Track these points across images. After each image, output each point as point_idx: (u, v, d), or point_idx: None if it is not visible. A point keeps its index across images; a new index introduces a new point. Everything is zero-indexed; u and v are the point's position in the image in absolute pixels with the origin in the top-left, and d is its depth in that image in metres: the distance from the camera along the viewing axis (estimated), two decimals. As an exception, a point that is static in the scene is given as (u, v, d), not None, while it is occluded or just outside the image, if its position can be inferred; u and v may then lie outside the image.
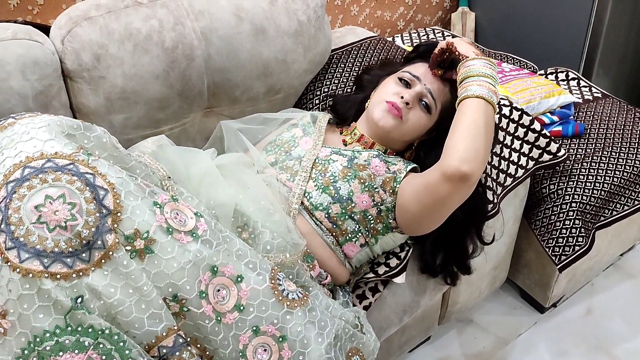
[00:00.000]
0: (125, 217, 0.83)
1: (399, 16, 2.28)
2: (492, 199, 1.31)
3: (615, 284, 1.84)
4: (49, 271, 0.76)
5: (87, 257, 0.79)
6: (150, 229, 0.84)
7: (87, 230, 0.79)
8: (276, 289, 0.93)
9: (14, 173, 0.80)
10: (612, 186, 1.50)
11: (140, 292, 0.82)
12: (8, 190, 0.78)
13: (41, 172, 0.80)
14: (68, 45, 1.22)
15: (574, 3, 2.03)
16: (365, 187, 1.14)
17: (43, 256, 0.76)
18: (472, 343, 1.67)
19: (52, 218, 0.77)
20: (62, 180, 0.80)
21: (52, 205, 0.78)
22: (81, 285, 0.78)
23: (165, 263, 0.84)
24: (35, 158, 0.81)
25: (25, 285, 0.76)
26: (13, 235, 0.76)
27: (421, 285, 1.34)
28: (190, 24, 1.31)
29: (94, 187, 0.82)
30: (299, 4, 1.44)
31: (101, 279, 0.79)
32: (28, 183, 0.79)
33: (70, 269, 0.78)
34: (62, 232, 0.77)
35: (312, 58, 1.50)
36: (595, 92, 1.82)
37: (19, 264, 0.76)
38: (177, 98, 1.34)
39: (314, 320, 0.95)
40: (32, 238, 0.76)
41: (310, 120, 1.32)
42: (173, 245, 0.85)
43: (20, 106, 1.16)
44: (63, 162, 0.82)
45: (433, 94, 1.21)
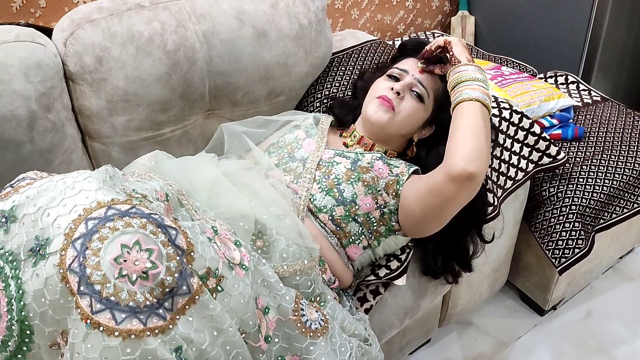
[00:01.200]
0: (198, 255, 0.77)
1: (399, 20, 2.29)
2: (493, 202, 1.32)
3: (614, 286, 1.84)
4: (148, 327, 0.70)
5: (169, 305, 0.72)
6: (219, 265, 0.80)
7: (171, 277, 0.72)
8: (299, 321, 0.93)
9: (77, 228, 0.72)
10: (611, 189, 1.50)
11: (226, 333, 0.78)
12: (77, 248, 0.71)
13: (107, 220, 0.73)
14: (70, 48, 1.23)
15: (573, 7, 2.04)
16: (369, 190, 1.14)
17: (139, 313, 0.69)
18: (472, 345, 1.67)
19: (133, 269, 0.70)
20: (134, 225, 0.73)
21: (130, 255, 0.71)
22: (177, 336, 0.72)
23: (234, 300, 0.81)
24: (94, 208, 0.74)
25: (127, 350, 0.68)
26: (101, 296, 0.68)
27: (422, 288, 1.35)
28: (192, 27, 1.32)
29: (165, 228, 0.76)
30: (300, 8, 1.44)
31: (188, 326, 0.74)
32: (98, 235, 0.71)
33: (165, 320, 0.71)
34: (144, 283, 0.71)
35: (313, 61, 1.51)
36: (595, 95, 1.82)
37: (116, 327, 0.68)
38: (178, 100, 1.34)
39: (335, 348, 0.96)
40: (123, 295, 0.69)
41: (313, 122, 1.33)
42: (237, 280, 0.82)
43: (23, 108, 1.16)
44: (124, 207, 0.75)
45: (423, 82, 1.21)
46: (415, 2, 2.29)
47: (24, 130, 1.17)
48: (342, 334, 1.00)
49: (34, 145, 1.20)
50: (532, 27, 2.21)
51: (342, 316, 1.05)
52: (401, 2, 2.25)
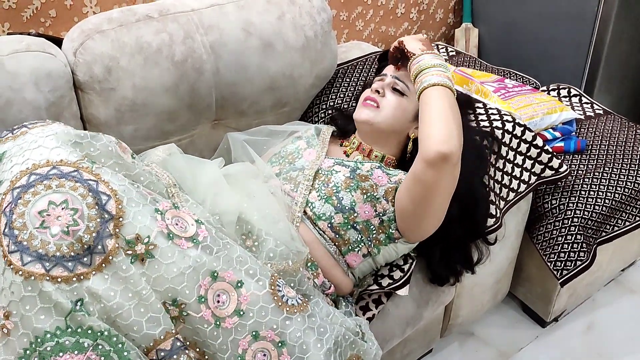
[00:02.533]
0: (127, 222, 0.85)
1: (403, 31, 2.31)
2: (495, 213, 1.33)
3: (616, 299, 1.85)
4: (50, 274, 0.79)
5: (88, 261, 0.81)
6: (152, 234, 0.87)
7: (88, 235, 0.81)
8: (276, 295, 0.95)
9: (20, 179, 0.83)
10: (613, 202, 1.52)
11: (139, 296, 0.84)
12: (14, 195, 0.81)
13: (46, 178, 0.83)
14: (80, 58, 1.25)
15: (576, 20, 2.06)
16: (368, 198, 1.16)
17: (45, 260, 0.79)
18: (473, 356, 1.68)
19: (55, 223, 0.80)
20: (66, 186, 0.83)
21: (55, 211, 0.80)
22: (81, 289, 0.81)
23: (166, 268, 0.86)
24: (41, 165, 0.85)
25: (28, 288, 0.78)
26: (16, 239, 0.79)
27: (424, 298, 1.36)
28: (199, 38, 1.34)
29: (97, 193, 0.84)
30: (306, 20, 1.47)
31: (101, 282, 0.82)
32: (33, 189, 0.82)
33: (70, 272, 0.80)
34: (65, 237, 0.80)
35: (319, 73, 1.53)
36: (597, 108, 1.84)
37: (21, 267, 0.78)
38: (185, 110, 1.36)
39: (313, 326, 0.97)
40: (35, 242, 0.79)
41: (314, 133, 1.35)
42: (173, 250, 0.88)
43: (33, 116, 1.18)
44: (67, 169, 0.85)
45: (400, 78, 1.26)
46: (420, 14, 2.32)
47: (34, 138, 1.19)
48: (325, 319, 1.01)
49: (43, 153, 1.21)
50: (536, 40, 2.23)
51: (328, 311, 1.06)
52: (405, 14, 2.27)
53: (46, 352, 0.78)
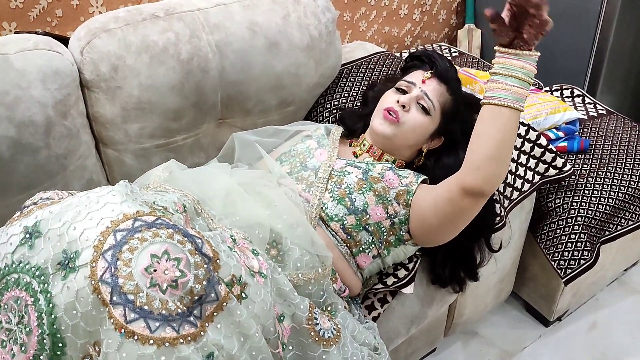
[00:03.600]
0: (223, 263, 0.79)
1: (406, 32, 2.31)
2: (500, 212, 1.33)
3: (619, 299, 1.85)
4: (181, 335, 0.71)
5: (198, 313, 0.74)
6: (242, 272, 0.81)
7: (199, 285, 0.73)
8: (313, 330, 0.94)
9: (106, 240, 0.73)
10: (617, 201, 1.52)
11: (252, 339, 0.79)
12: (108, 259, 0.72)
13: (135, 231, 0.74)
14: (87, 56, 1.26)
15: (579, 21, 2.07)
16: (380, 200, 1.16)
17: (171, 321, 0.71)
18: (477, 355, 1.68)
19: (163, 278, 0.71)
20: (161, 235, 0.74)
21: (161, 264, 0.72)
22: (208, 343, 0.73)
23: (257, 306, 0.82)
24: (120, 220, 0.76)
25: (161, 358, 0.69)
26: (135, 305, 0.70)
27: (428, 296, 1.36)
28: (205, 37, 1.34)
29: (192, 237, 0.77)
30: (311, 19, 1.47)
31: (217, 333, 0.75)
32: (127, 246, 0.73)
33: (196, 328, 0.72)
34: (174, 292, 0.72)
35: (323, 72, 1.53)
36: (600, 109, 1.84)
37: (150, 335, 0.69)
38: (191, 109, 1.37)
39: (346, 356, 0.97)
40: (156, 304, 0.70)
41: (324, 133, 1.35)
42: (259, 287, 0.83)
43: (40, 114, 1.19)
44: (149, 218, 0.77)
45: (429, 95, 1.23)
46: (422, 15, 2.32)
47: (41, 135, 1.20)
48: (353, 343, 1.01)
49: (50, 150, 1.22)
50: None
51: (353, 325, 1.06)
52: (408, 15, 2.28)
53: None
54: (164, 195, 0.94)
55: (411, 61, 1.36)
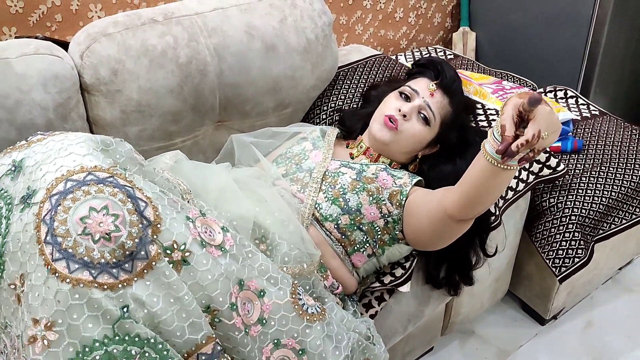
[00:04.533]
0: (164, 228, 0.84)
1: (401, 35, 2.34)
2: (495, 211, 1.35)
3: (614, 297, 1.87)
4: (97, 281, 0.76)
5: (129, 267, 0.79)
6: (187, 241, 0.85)
7: (131, 242, 0.79)
8: (296, 304, 0.96)
9: (57, 186, 0.81)
10: (610, 200, 1.54)
11: (182, 301, 0.82)
12: (52, 203, 0.79)
13: (84, 184, 0.81)
14: (87, 60, 1.27)
15: (572, 24, 2.09)
16: (373, 200, 1.18)
17: (91, 267, 0.76)
18: (474, 354, 1.70)
19: (97, 229, 0.77)
20: (105, 192, 0.80)
21: (97, 217, 0.78)
22: (126, 295, 0.78)
23: (201, 275, 0.85)
24: (76, 171, 0.82)
25: (75, 295, 0.75)
26: (61, 247, 0.76)
27: (425, 295, 1.38)
28: (203, 41, 1.36)
29: (135, 198, 0.82)
30: (307, 23, 1.49)
31: (144, 289, 0.79)
32: (72, 195, 0.79)
33: (116, 279, 0.78)
34: (106, 244, 0.77)
35: (320, 74, 1.55)
36: (593, 109, 1.87)
37: (68, 275, 0.76)
38: (190, 112, 1.39)
39: (331, 334, 0.98)
40: (80, 249, 0.77)
41: (319, 135, 1.37)
42: (207, 257, 0.87)
43: (41, 117, 1.20)
44: (103, 174, 0.83)
45: (431, 107, 1.25)
46: (418, 18, 2.35)
47: (42, 139, 1.21)
48: (340, 325, 1.03)
49: (51, 153, 1.23)
50: (532, 43, 2.26)
51: (342, 315, 1.08)
52: (404, 18, 2.30)
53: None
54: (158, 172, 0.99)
55: (418, 68, 1.38)
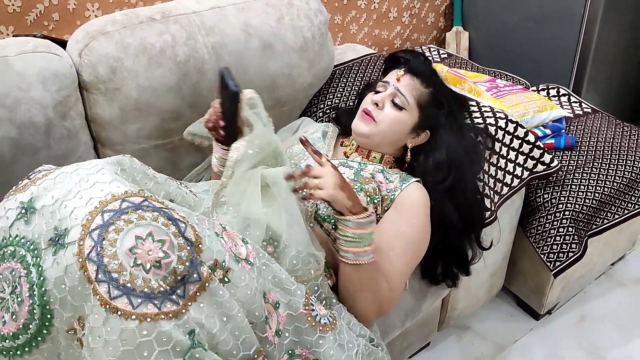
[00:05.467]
0: (206, 248, 0.82)
1: (395, 35, 2.36)
2: (490, 207, 1.37)
3: (606, 292, 1.90)
4: (162, 312, 0.74)
5: (181, 292, 0.76)
6: (225, 258, 0.84)
7: (182, 266, 0.77)
8: (309, 315, 0.96)
9: (94, 220, 0.77)
10: (603, 195, 1.57)
11: (235, 320, 0.81)
12: (94, 238, 0.75)
13: (122, 213, 0.77)
14: (85, 59, 1.28)
15: (563, 23, 2.12)
16: (370, 200, 1.19)
17: (153, 298, 0.74)
18: (470, 349, 1.72)
19: (147, 259, 0.74)
20: (146, 218, 0.77)
21: (144, 245, 0.75)
22: (190, 320, 0.76)
23: (241, 291, 0.84)
24: (109, 201, 0.79)
25: (143, 332, 0.72)
26: (119, 283, 0.73)
27: (422, 290, 1.39)
28: (201, 39, 1.37)
29: (175, 221, 0.80)
30: (304, 22, 1.51)
31: (199, 312, 0.78)
32: (114, 227, 0.76)
33: (178, 305, 0.75)
34: (157, 272, 0.75)
35: (316, 73, 1.57)
36: (585, 107, 1.89)
37: (133, 311, 0.72)
38: (188, 110, 1.40)
39: (342, 343, 0.99)
40: (138, 282, 0.73)
41: (320, 136, 1.37)
42: (244, 273, 0.86)
43: (40, 115, 1.21)
44: (137, 199, 0.80)
45: (402, 91, 1.25)
46: (411, 18, 2.37)
47: (41, 136, 1.22)
48: (349, 332, 1.04)
49: (50, 151, 1.24)
50: (525, 42, 2.29)
51: (348, 318, 1.09)
52: (398, 18, 2.32)
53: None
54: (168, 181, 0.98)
55: (389, 63, 1.39)
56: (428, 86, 1.27)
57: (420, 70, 1.28)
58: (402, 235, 1.16)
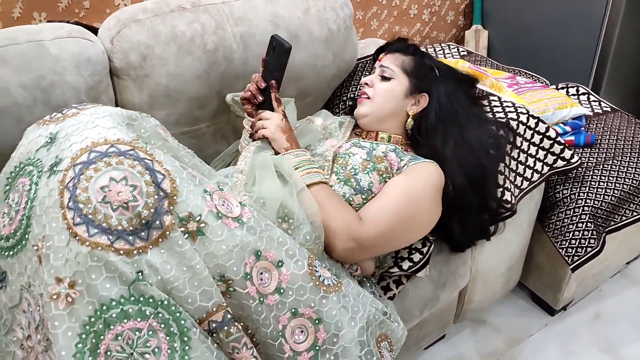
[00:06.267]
0: (180, 200, 0.88)
1: (415, 32, 2.38)
2: (510, 200, 1.39)
3: (622, 290, 1.91)
4: (114, 246, 0.82)
5: (145, 235, 0.84)
6: (203, 212, 0.90)
7: (147, 211, 0.84)
8: (313, 275, 0.99)
9: (81, 156, 0.86)
10: (622, 192, 1.58)
11: (194, 270, 0.87)
12: (76, 171, 0.85)
13: (105, 155, 0.86)
14: (117, 45, 1.31)
15: (583, 23, 2.13)
16: (383, 178, 1.21)
17: (108, 233, 0.82)
18: (485, 342, 1.73)
19: (116, 198, 0.83)
20: (125, 164, 0.86)
21: (116, 187, 0.83)
22: (141, 262, 0.84)
23: (215, 245, 0.90)
24: (99, 143, 0.88)
25: (94, 258, 0.81)
26: (82, 212, 0.82)
27: (441, 280, 1.41)
28: (230, 29, 1.40)
29: (153, 171, 0.87)
30: (330, 14, 1.53)
31: (158, 256, 0.85)
32: (94, 166, 0.85)
33: (132, 246, 0.83)
34: (124, 212, 0.83)
35: (340, 64, 1.59)
36: (605, 106, 1.90)
37: (87, 238, 0.81)
38: (215, 97, 1.42)
39: (347, 306, 1.02)
40: (99, 216, 0.82)
41: (337, 125, 1.41)
42: (222, 229, 0.91)
43: (73, 99, 1.24)
44: (125, 147, 0.88)
45: (385, 65, 1.36)
46: (431, 15, 2.39)
47: (74, 119, 1.25)
48: (357, 298, 1.06)
49: (82, 134, 1.27)
50: (544, 41, 2.30)
51: (358, 290, 1.10)
52: (418, 15, 2.34)
53: (111, 319, 0.81)
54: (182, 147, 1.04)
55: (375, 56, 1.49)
56: (409, 54, 1.37)
57: (397, 47, 1.40)
58: (397, 185, 1.19)
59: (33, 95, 1.19)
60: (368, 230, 1.12)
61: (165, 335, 0.84)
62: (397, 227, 1.16)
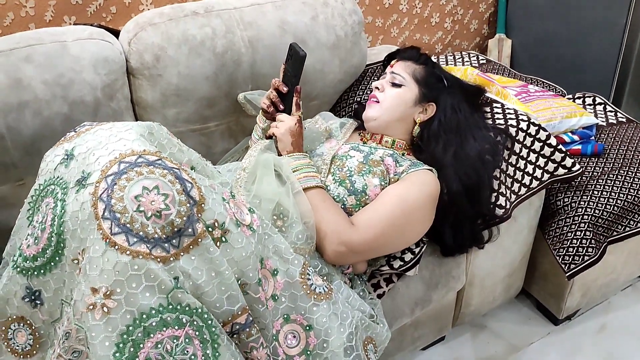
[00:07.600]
0: (207, 208, 0.91)
1: (437, 40, 2.41)
2: (505, 204, 1.41)
3: (632, 303, 1.87)
4: (152, 254, 0.84)
5: (176, 243, 0.87)
6: (226, 220, 0.93)
7: (180, 219, 0.86)
8: (305, 284, 1.05)
9: (111, 168, 0.88)
10: (625, 203, 1.57)
11: (222, 275, 0.91)
12: (108, 182, 0.86)
13: (136, 166, 0.88)
14: (134, 47, 1.41)
15: (605, 33, 2.12)
16: (380, 181, 1.26)
17: (146, 241, 0.84)
18: (484, 347, 1.74)
19: (149, 207, 0.85)
20: (156, 173, 0.88)
21: (149, 196, 0.85)
22: (176, 268, 0.86)
23: (236, 252, 0.94)
24: (127, 154, 0.90)
25: (134, 267, 0.83)
26: (120, 222, 0.84)
27: (433, 281, 1.44)
28: (239, 33, 1.48)
29: (182, 180, 0.90)
30: (337, 21, 1.59)
31: (189, 263, 0.87)
32: (126, 175, 0.87)
33: (167, 253, 0.86)
34: (157, 220, 0.85)
35: (347, 69, 1.65)
36: (620, 117, 1.89)
37: (128, 247, 0.83)
38: (223, 98, 1.51)
39: (337, 313, 1.07)
40: (136, 225, 0.84)
41: (338, 126, 1.47)
42: (242, 236, 0.95)
43: (90, 96, 1.35)
44: (152, 157, 0.91)
45: (396, 72, 1.39)
46: (454, 23, 2.41)
47: (90, 115, 1.36)
48: (345, 304, 1.11)
49: (97, 128, 1.38)
50: (567, 51, 2.29)
51: (348, 293, 1.16)
52: (440, 23, 2.37)
53: (151, 327, 0.83)
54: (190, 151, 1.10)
55: (386, 62, 1.52)
56: (420, 63, 1.41)
57: (409, 55, 1.44)
58: (393, 194, 1.23)
59: (52, 91, 1.30)
60: (358, 235, 1.17)
61: (200, 342, 0.87)
62: (389, 235, 1.21)
